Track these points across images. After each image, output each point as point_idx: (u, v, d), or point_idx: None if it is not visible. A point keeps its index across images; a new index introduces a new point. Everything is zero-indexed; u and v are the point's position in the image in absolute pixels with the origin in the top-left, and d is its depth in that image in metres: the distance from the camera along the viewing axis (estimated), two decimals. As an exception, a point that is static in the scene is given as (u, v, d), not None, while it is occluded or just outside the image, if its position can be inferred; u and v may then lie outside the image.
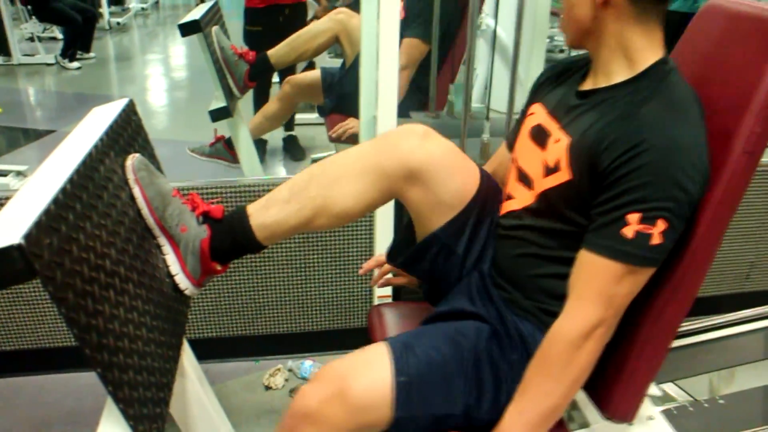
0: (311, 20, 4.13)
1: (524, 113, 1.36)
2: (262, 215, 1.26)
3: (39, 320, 2.11)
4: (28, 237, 0.82)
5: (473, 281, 1.31)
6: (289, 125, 4.11)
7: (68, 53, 6.39)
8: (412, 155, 1.21)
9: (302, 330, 2.29)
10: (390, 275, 1.56)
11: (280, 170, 4.02)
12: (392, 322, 1.51)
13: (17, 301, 2.01)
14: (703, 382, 1.69)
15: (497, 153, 1.51)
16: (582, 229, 1.12)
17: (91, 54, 6.80)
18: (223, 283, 2.16)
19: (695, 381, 1.57)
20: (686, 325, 1.54)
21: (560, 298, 1.12)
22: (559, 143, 1.17)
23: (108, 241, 1.03)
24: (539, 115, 1.28)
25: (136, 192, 1.20)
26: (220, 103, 2.67)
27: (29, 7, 6.59)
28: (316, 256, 2.15)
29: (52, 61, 6.47)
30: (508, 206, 1.30)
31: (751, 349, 1.56)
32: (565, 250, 1.16)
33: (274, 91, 3.93)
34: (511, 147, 1.41)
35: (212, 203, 1.29)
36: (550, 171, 1.18)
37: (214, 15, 2.70)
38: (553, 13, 2.53)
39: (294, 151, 4.11)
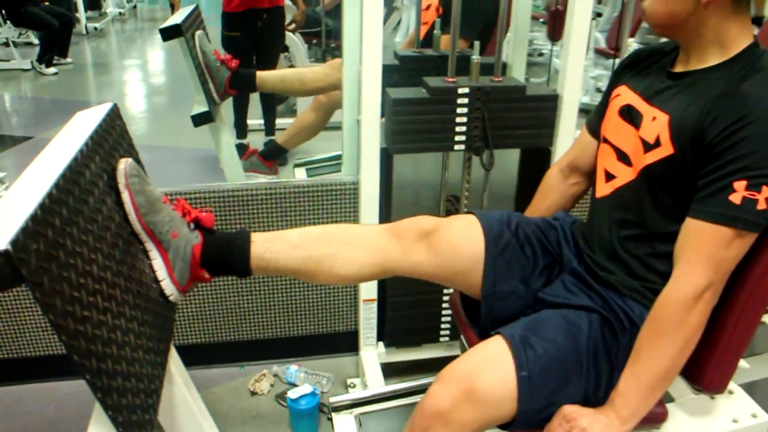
0: (289, 24, 4.12)
1: (608, 96, 1.41)
2: (264, 247, 1.32)
3: (19, 329, 2.08)
4: (15, 243, 0.81)
5: (565, 281, 1.35)
6: (271, 130, 4.10)
7: (45, 58, 6.31)
8: (421, 265, 1.35)
9: (287, 335, 2.28)
10: None
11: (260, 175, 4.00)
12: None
13: (-3, 309, 1.98)
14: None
15: (578, 139, 1.55)
16: (685, 203, 1.16)
17: (68, 59, 6.73)
18: (208, 289, 2.15)
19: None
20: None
21: (666, 275, 1.16)
22: (657, 120, 1.21)
23: (95, 246, 1.02)
24: (626, 96, 1.33)
25: (125, 197, 1.19)
26: (201, 107, 2.65)
27: (4, 11, 6.50)
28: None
29: (29, 66, 6.40)
30: (608, 187, 1.33)
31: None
32: (669, 225, 1.20)
33: (254, 97, 3.93)
34: (593, 131, 1.47)
35: (203, 211, 1.31)
36: (650, 147, 1.22)
37: (195, 20, 2.69)
38: (534, 17, 2.55)
39: (276, 156, 4.10)
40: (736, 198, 1.08)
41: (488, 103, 1.84)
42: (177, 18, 2.55)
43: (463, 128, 1.86)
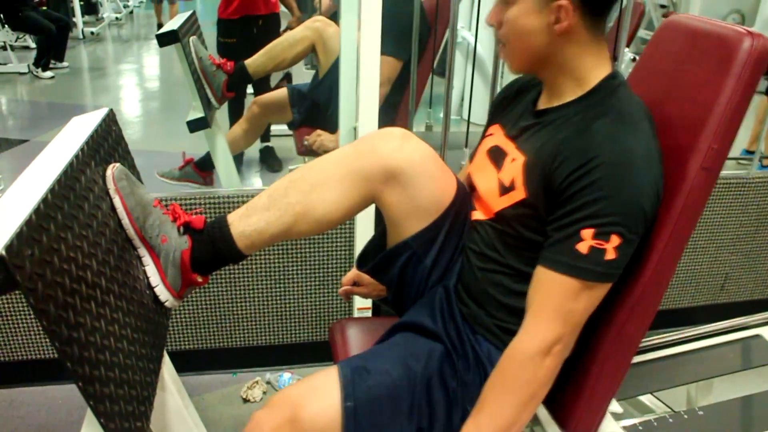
0: (285, 31, 4.13)
1: (483, 134, 1.37)
2: (242, 224, 1.24)
3: (11, 332, 2.07)
4: (9, 248, 0.81)
5: (438, 296, 1.29)
6: (266, 136, 4.10)
7: (41, 62, 6.30)
8: (391, 156, 1.19)
9: (281, 342, 2.27)
10: (354, 286, 1.55)
11: (256, 181, 4.00)
12: (353, 339, 1.49)
13: (-10, 313, 1.98)
14: (682, 393, 1.70)
15: (461, 171, 1.51)
16: (538, 247, 1.11)
17: (65, 63, 6.73)
18: (201, 295, 2.14)
19: (674, 393, 1.58)
20: (659, 338, 1.56)
21: (520, 315, 1.12)
22: (515, 162, 1.18)
23: (89, 252, 1.02)
24: (497, 136, 1.29)
25: (117, 202, 1.18)
26: (197, 113, 2.65)
27: (1, 15, 6.50)
28: (294, 268, 2.15)
29: (25, 70, 6.39)
30: (472, 216, 1.30)
31: (727, 360, 1.57)
32: (524, 266, 1.16)
33: (249, 101, 3.93)
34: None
35: (194, 214, 1.28)
36: (505, 190, 1.18)
37: (191, 25, 2.69)
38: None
39: (271, 162, 4.10)
40: (583, 247, 1.03)
41: None
42: (173, 24, 2.55)
43: None
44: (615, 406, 1.29)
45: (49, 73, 6.32)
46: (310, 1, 5.23)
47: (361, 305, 2.05)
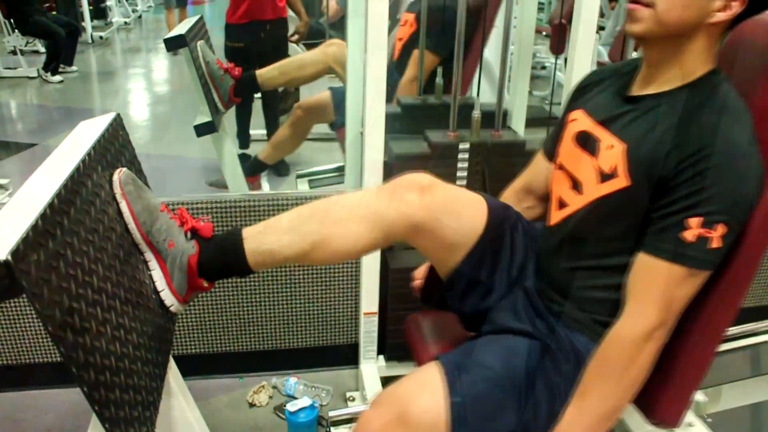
0: (293, 35, 4.14)
1: (564, 120, 1.37)
2: (257, 241, 1.26)
3: (18, 336, 2.07)
4: (15, 253, 0.81)
5: (519, 299, 1.31)
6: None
7: (51, 67, 6.33)
8: (415, 213, 1.23)
9: (287, 346, 2.27)
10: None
11: (264, 186, 4.00)
12: (430, 333, 1.49)
13: (-3, 317, 1.98)
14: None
15: (533, 163, 1.51)
16: (637, 235, 1.13)
17: (74, 67, 6.75)
18: (207, 299, 2.14)
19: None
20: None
21: (615, 308, 1.14)
22: (614, 149, 1.17)
23: (95, 256, 1.02)
24: (583, 121, 1.29)
25: (123, 206, 1.19)
26: (205, 118, 2.66)
27: (12, 20, 6.54)
28: (301, 272, 2.14)
29: (35, 74, 6.41)
30: (560, 214, 1.29)
31: (735, 367, 1.57)
32: (619, 257, 1.17)
33: (257, 106, 3.94)
34: (548, 155, 1.43)
35: (201, 221, 1.29)
36: (605, 177, 1.18)
37: (199, 30, 2.70)
38: (537, 31, 2.56)
39: (278, 166, 4.10)
40: (689, 235, 1.05)
41: (488, 158, 1.89)
42: (181, 28, 2.56)
43: (463, 182, 1.90)
44: (699, 396, 1.29)
45: (58, 77, 6.35)
46: (317, 6, 5.24)
47: (368, 310, 2.05)
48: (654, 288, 1.08)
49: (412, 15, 2.63)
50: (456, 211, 1.26)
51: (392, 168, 1.86)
